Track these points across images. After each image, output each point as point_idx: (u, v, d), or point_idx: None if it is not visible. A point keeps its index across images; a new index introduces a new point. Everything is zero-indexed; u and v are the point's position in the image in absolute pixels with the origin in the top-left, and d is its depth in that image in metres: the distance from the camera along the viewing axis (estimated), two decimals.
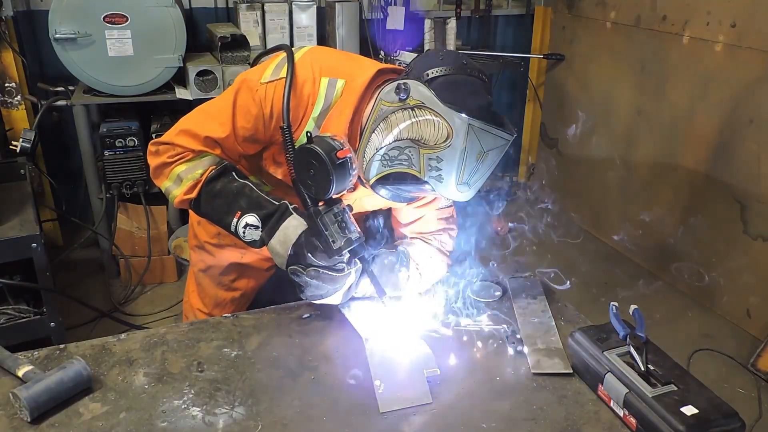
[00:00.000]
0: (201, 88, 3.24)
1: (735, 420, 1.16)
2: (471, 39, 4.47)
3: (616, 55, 3.83)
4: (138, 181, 3.35)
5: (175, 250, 3.46)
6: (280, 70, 1.42)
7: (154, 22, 3.08)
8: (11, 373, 1.29)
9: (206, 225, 1.74)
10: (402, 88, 1.31)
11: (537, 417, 1.26)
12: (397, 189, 1.38)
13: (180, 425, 1.21)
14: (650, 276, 3.68)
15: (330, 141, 1.32)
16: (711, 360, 2.94)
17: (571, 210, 4.36)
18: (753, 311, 3.11)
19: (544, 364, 1.40)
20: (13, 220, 2.37)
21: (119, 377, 1.32)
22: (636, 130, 3.73)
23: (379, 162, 1.35)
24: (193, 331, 1.49)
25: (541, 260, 1.74)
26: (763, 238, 3.03)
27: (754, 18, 2.96)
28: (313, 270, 1.35)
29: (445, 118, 1.26)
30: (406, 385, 1.32)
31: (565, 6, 4.23)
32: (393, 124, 1.32)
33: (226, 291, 1.82)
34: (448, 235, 1.69)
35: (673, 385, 1.22)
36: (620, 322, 1.35)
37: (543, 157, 4.66)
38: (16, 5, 3.33)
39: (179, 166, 1.45)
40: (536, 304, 1.62)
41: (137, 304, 3.29)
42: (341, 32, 3.74)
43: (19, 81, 3.34)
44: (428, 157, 1.29)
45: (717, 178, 3.23)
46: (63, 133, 3.63)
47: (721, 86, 3.16)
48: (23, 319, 2.33)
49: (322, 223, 1.33)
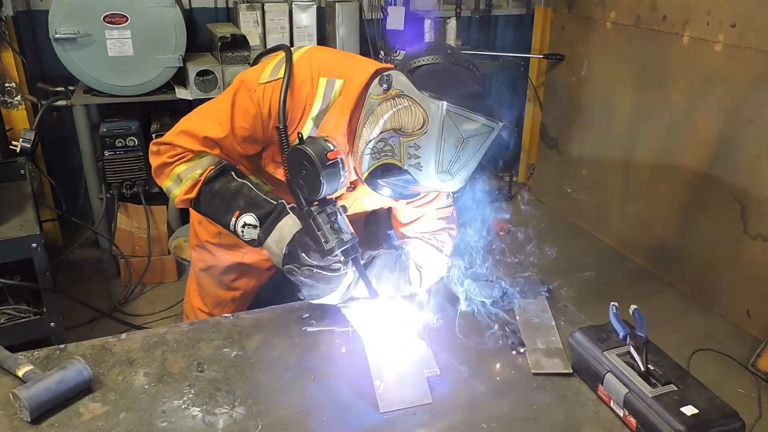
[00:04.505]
0: (201, 88, 3.24)
1: (735, 420, 1.16)
2: (471, 39, 4.47)
3: (616, 55, 3.83)
4: (138, 181, 3.35)
5: (175, 250, 3.46)
6: (279, 70, 1.43)
7: (154, 22, 3.08)
8: (11, 373, 1.29)
9: (207, 224, 1.74)
10: (384, 79, 1.32)
11: (537, 417, 1.26)
12: (389, 183, 1.38)
13: (180, 425, 1.21)
14: (650, 276, 3.68)
15: (322, 142, 1.32)
16: (711, 360, 2.94)
17: (571, 210, 4.37)
18: (753, 311, 3.11)
19: (544, 364, 1.40)
20: (13, 220, 2.37)
21: (119, 377, 1.32)
22: (636, 130, 3.73)
23: (369, 156, 1.35)
24: (193, 331, 1.49)
25: (541, 260, 1.73)
26: (763, 238, 3.03)
27: (754, 18, 2.96)
28: (307, 269, 1.35)
29: (420, 104, 1.26)
30: (406, 385, 1.32)
31: (565, 6, 4.23)
32: (378, 116, 1.33)
33: (227, 290, 1.82)
34: (448, 235, 1.69)
35: (673, 385, 1.22)
36: (620, 322, 1.35)
37: (543, 157, 4.67)
38: (16, 5, 3.33)
39: (179, 166, 1.46)
40: (536, 304, 1.62)
41: (137, 304, 3.29)
42: (341, 32, 3.74)
43: (19, 81, 3.34)
44: (407, 145, 1.29)
45: (717, 178, 3.23)
46: (63, 133, 3.63)
47: (721, 86, 3.16)
48: (23, 319, 2.33)
49: (315, 223, 1.34)
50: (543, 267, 1.75)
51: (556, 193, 4.52)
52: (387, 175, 1.35)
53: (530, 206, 4.44)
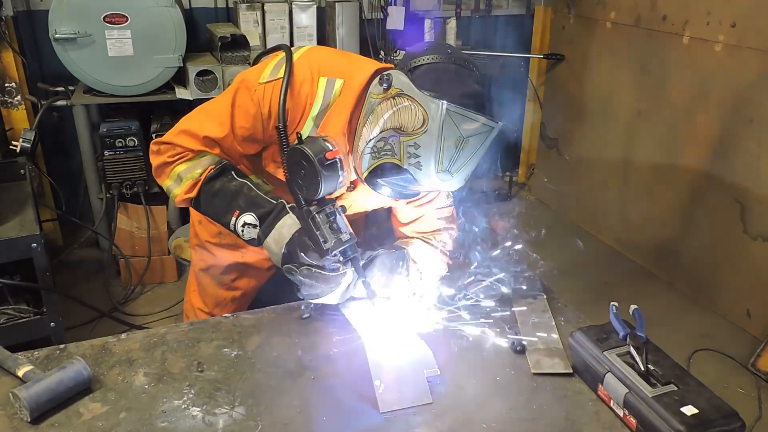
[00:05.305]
0: (201, 88, 3.24)
1: (735, 420, 1.16)
2: (471, 39, 4.47)
3: (616, 55, 3.83)
4: (138, 181, 3.35)
5: (175, 250, 3.46)
6: (279, 70, 1.43)
7: (154, 22, 3.08)
8: (11, 373, 1.29)
9: (207, 224, 1.75)
10: (385, 79, 1.32)
11: (537, 417, 1.26)
12: (389, 182, 1.38)
13: (180, 425, 1.21)
14: (650, 276, 3.68)
15: (321, 142, 1.32)
16: (711, 360, 2.94)
17: (571, 210, 4.37)
18: (753, 311, 3.11)
19: (544, 364, 1.40)
20: (13, 220, 2.37)
21: (119, 377, 1.32)
22: (636, 130, 3.73)
23: (369, 155, 1.35)
24: (193, 331, 1.49)
25: (541, 260, 1.73)
26: (763, 238, 3.03)
27: (754, 18, 2.96)
28: (305, 269, 1.35)
29: (420, 104, 1.26)
30: (406, 385, 1.32)
31: (565, 6, 4.23)
32: (378, 115, 1.33)
33: (227, 290, 1.82)
34: (448, 235, 1.69)
35: (673, 385, 1.22)
36: (620, 322, 1.35)
37: (543, 157, 4.67)
38: (16, 5, 3.33)
39: (179, 165, 1.46)
40: (536, 304, 1.62)
41: (137, 304, 3.29)
42: (341, 32, 3.74)
43: (19, 81, 3.34)
44: (407, 144, 1.29)
45: (717, 178, 3.23)
46: (63, 133, 3.63)
47: (721, 86, 3.16)
48: (23, 319, 2.33)
49: (314, 223, 1.34)
50: (543, 267, 1.75)
51: (556, 193, 4.52)
52: (387, 174, 1.35)
53: (530, 206, 4.44)
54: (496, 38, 4.55)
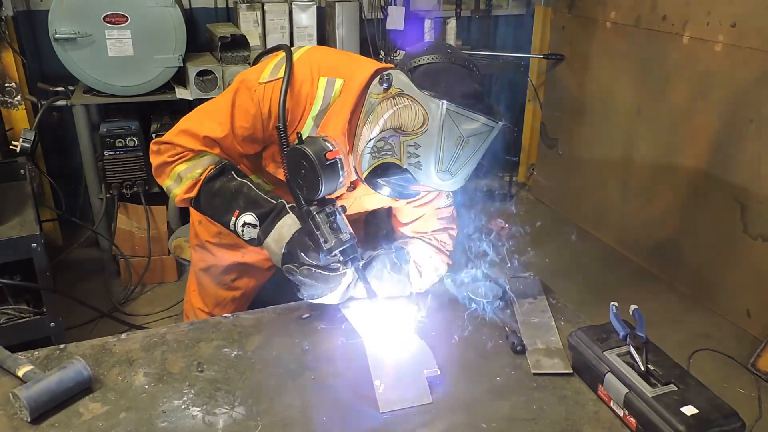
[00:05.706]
0: (201, 88, 3.24)
1: (735, 420, 1.16)
2: (471, 39, 4.47)
3: (616, 55, 3.83)
4: (138, 181, 3.35)
5: (175, 250, 3.46)
6: (279, 70, 1.43)
7: (154, 22, 3.08)
8: (11, 373, 1.29)
9: (207, 224, 1.75)
10: (385, 78, 1.32)
11: (537, 417, 1.26)
12: (389, 182, 1.37)
13: (180, 425, 1.21)
14: (650, 276, 3.68)
15: (321, 142, 1.32)
16: (711, 360, 2.94)
17: (571, 210, 4.37)
18: (753, 311, 3.11)
19: (544, 364, 1.40)
20: (13, 220, 2.37)
21: (119, 377, 1.32)
22: (636, 130, 3.73)
23: (369, 155, 1.35)
24: (193, 331, 1.49)
25: (541, 260, 1.73)
26: (763, 238, 3.03)
27: (754, 18, 2.96)
28: (305, 269, 1.35)
29: (421, 104, 1.26)
30: (406, 385, 1.32)
31: (565, 6, 4.23)
32: (378, 115, 1.33)
33: (227, 290, 1.82)
34: (448, 235, 1.69)
35: (673, 385, 1.22)
36: (620, 322, 1.35)
37: (543, 157, 4.67)
38: (16, 5, 3.33)
39: (179, 165, 1.46)
40: (536, 304, 1.62)
41: (137, 304, 3.29)
42: (341, 32, 3.74)
43: (19, 81, 3.34)
44: (407, 144, 1.29)
45: (717, 178, 3.23)
46: (63, 133, 3.63)
47: (721, 86, 3.16)
48: (23, 319, 2.33)
49: (314, 223, 1.34)
50: (543, 267, 1.75)
51: (556, 193, 4.53)
52: (387, 174, 1.35)
53: (530, 206, 4.44)
54: (496, 38, 4.55)
